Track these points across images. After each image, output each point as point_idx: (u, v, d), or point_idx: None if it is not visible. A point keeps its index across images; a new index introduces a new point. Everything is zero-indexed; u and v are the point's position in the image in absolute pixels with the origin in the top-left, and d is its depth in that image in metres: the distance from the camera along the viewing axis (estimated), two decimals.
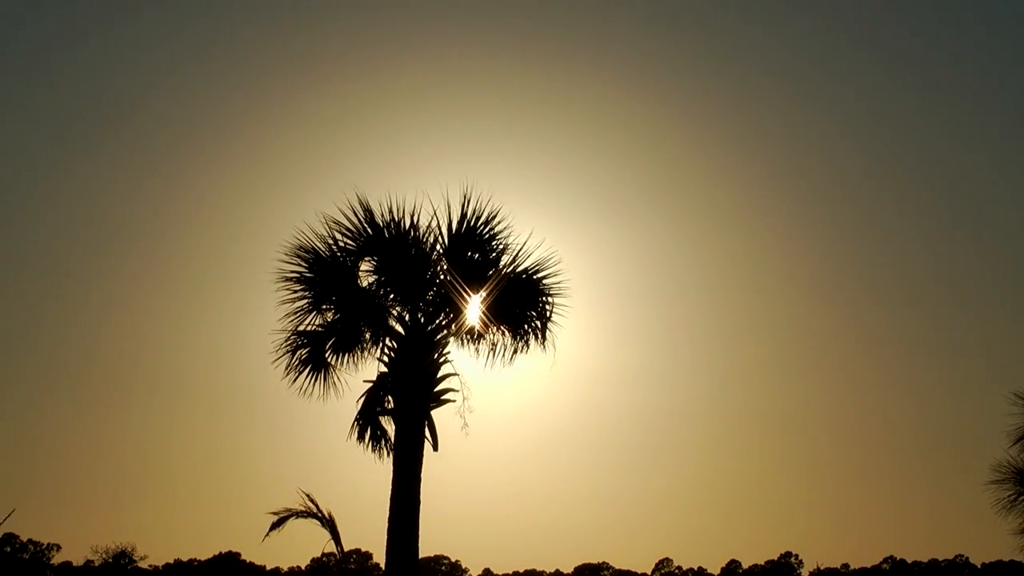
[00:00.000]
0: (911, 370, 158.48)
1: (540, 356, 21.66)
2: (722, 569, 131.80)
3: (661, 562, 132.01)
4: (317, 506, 21.63)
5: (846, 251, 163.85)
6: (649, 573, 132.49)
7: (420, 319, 21.41)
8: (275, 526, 21.60)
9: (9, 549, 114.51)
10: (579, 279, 22.01)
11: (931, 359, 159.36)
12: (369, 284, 21.67)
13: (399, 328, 21.51)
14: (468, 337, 21.46)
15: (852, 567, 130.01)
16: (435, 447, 21.17)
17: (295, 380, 21.36)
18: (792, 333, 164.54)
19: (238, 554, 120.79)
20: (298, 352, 21.40)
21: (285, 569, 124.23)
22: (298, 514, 21.59)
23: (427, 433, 21.13)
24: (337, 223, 21.29)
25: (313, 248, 21.36)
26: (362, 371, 21.52)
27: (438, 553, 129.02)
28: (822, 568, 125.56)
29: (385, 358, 21.40)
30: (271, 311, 21.46)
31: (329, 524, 21.72)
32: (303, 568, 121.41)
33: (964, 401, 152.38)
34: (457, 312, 21.26)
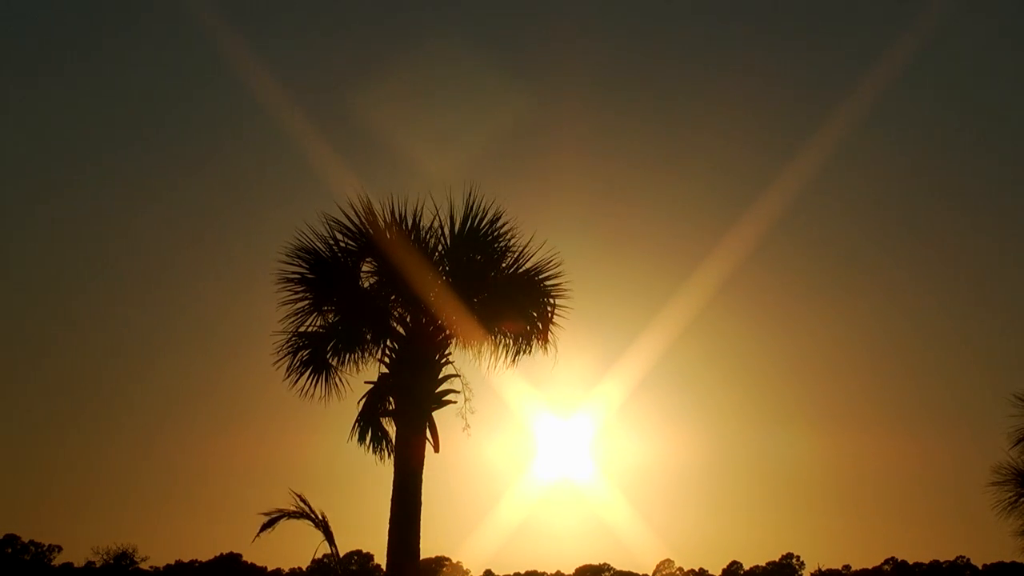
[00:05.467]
0: (911, 370, 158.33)
1: (542, 357, 21.69)
2: (723, 570, 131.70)
3: (662, 563, 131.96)
4: (309, 507, 21.52)
5: (845, 248, 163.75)
6: (650, 574, 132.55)
7: (421, 320, 21.39)
8: (266, 527, 21.52)
9: (10, 551, 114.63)
10: (586, 282, 22.07)
11: (932, 360, 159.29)
12: (370, 285, 21.66)
13: (400, 329, 21.49)
14: (470, 338, 21.44)
15: (853, 568, 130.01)
16: (436, 448, 21.17)
17: (296, 381, 21.35)
18: (790, 329, 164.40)
19: (239, 555, 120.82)
20: (299, 353, 21.36)
21: (286, 570, 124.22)
22: (290, 515, 21.50)
23: (428, 434, 21.13)
24: (338, 223, 21.29)
25: (314, 249, 21.35)
26: (363, 372, 21.52)
27: (439, 554, 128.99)
28: (823, 569, 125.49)
29: (386, 359, 21.39)
30: (273, 312, 21.46)
31: (322, 525, 21.64)
32: (303, 569, 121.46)
33: (965, 402, 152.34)
34: (459, 313, 21.24)
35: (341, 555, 22.42)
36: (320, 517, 21.61)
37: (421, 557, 21.02)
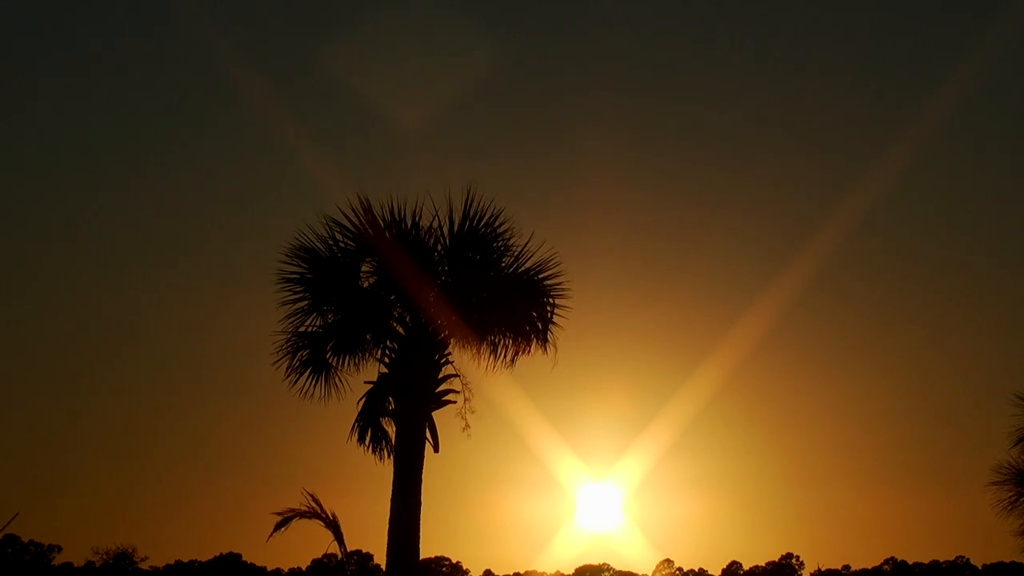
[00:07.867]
0: (912, 371, 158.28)
1: (542, 357, 21.67)
2: (723, 571, 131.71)
3: (662, 563, 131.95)
4: (321, 507, 21.61)
5: (845, 247, 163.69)
6: (650, 574, 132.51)
7: (421, 320, 21.39)
8: (279, 526, 21.58)
9: (11, 551, 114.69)
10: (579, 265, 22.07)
11: (932, 360, 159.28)
12: (370, 285, 21.66)
13: (400, 329, 21.49)
14: (469, 338, 21.43)
15: (853, 568, 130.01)
16: (436, 448, 21.17)
17: (296, 381, 21.35)
18: (791, 332, 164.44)
19: (239, 555, 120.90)
20: (299, 353, 21.36)
21: (286, 570, 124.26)
22: (302, 514, 21.57)
23: (428, 434, 21.13)
24: (337, 223, 21.29)
25: (313, 249, 21.34)
26: (363, 372, 21.52)
27: (439, 554, 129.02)
28: (823, 569, 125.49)
29: (386, 359, 21.39)
30: (272, 312, 21.46)
31: (333, 525, 21.71)
32: (303, 569, 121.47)
33: (965, 402, 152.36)
34: (458, 313, 21.24)
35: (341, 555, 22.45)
36: (331, 517, 21.67)
37: (421, 557, 21.02)
